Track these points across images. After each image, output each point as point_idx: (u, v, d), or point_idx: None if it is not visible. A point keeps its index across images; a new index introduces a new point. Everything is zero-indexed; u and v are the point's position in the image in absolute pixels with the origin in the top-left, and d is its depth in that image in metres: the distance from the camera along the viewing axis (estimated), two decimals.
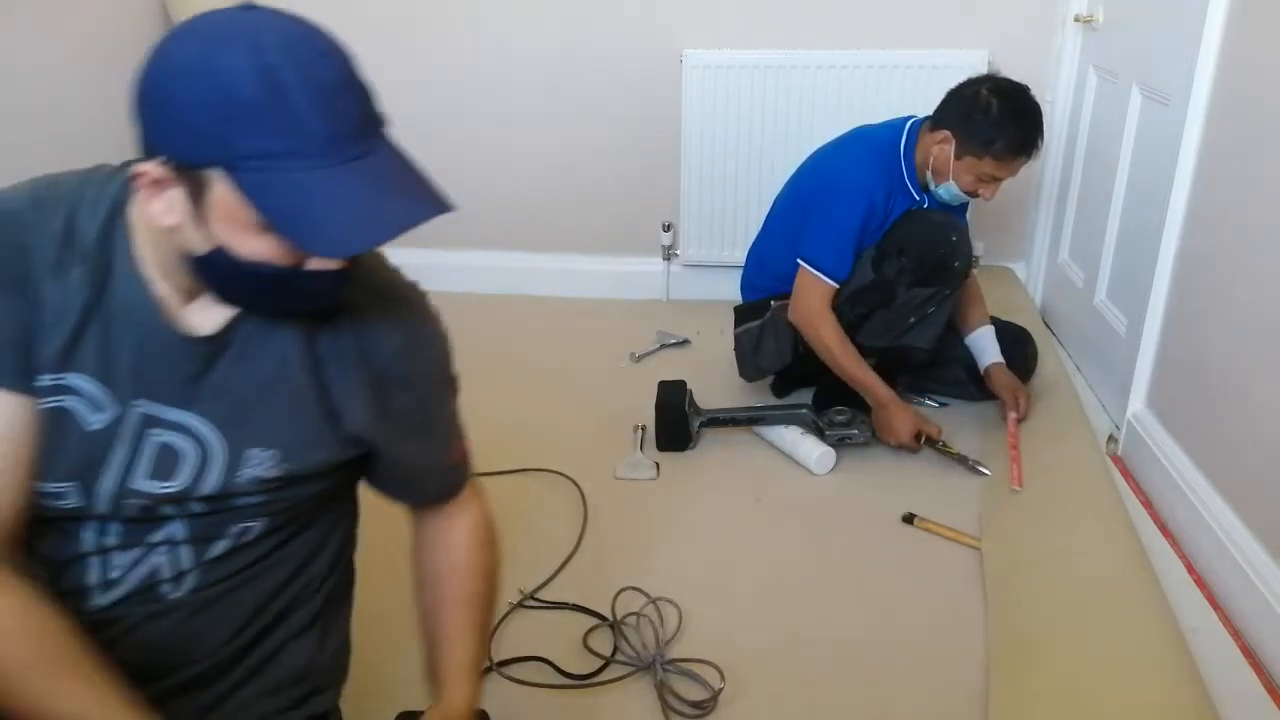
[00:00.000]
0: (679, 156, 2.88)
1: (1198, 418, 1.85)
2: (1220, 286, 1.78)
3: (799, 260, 2.14)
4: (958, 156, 2.05)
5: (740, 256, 2.50)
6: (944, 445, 2.13)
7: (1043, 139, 2.05)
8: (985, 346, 2.24)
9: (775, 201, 2.36)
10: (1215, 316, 1.80)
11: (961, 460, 2.10)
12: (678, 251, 3.02)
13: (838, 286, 2.13)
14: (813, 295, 2.13)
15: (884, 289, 2.13)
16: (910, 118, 2.18)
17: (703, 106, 2.80)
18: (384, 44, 2.90)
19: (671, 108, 2.85)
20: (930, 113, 2.13)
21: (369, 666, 1.28)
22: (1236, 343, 1.72)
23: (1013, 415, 2.16)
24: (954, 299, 2.17)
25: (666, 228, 2.99)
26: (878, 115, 2.28)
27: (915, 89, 2.65)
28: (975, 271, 2.29)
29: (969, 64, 2.56)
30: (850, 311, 2.15)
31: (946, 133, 2.05)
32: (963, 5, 2.72)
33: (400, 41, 2.90)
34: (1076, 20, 2.62)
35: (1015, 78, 2.10)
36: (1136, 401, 2.10)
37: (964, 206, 2.26)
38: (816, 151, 2.28)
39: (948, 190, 2.10)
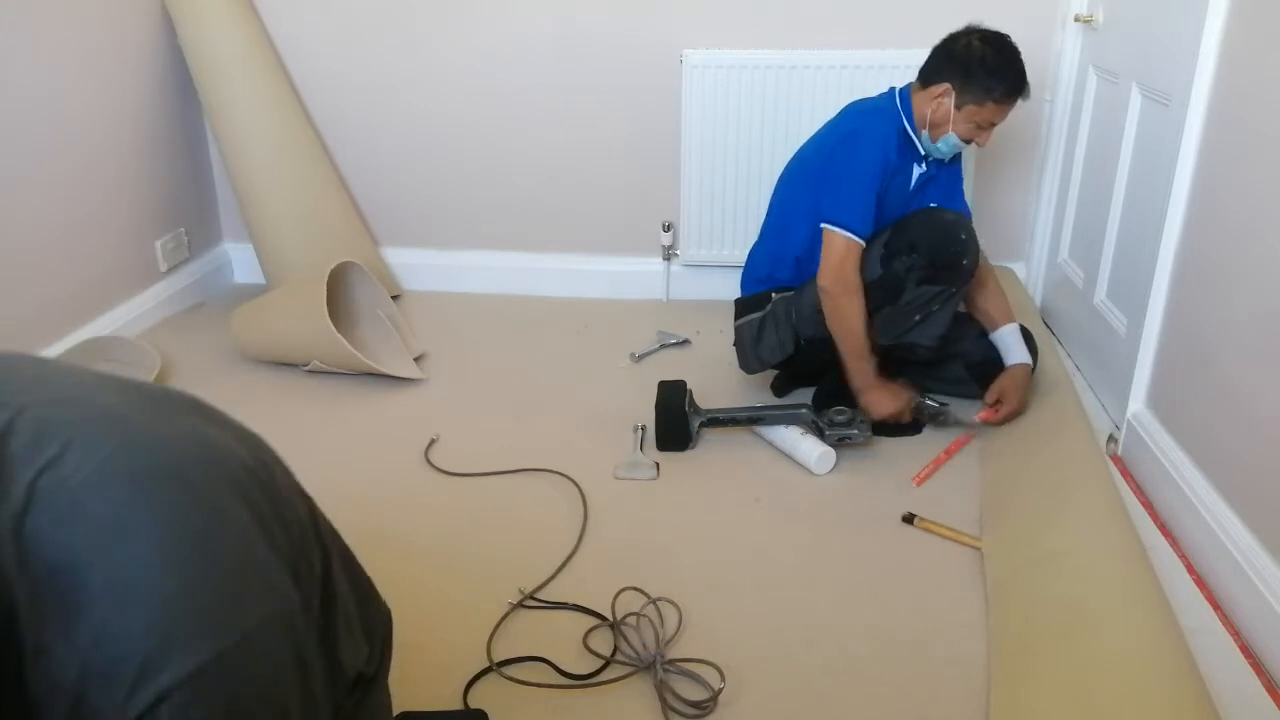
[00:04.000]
0: (679, 156, 2.88)
1: (1198, 418, 1.85)
2: (1220, 286, 1.78)
3: (822, 225, 2.15)
4: (958, 107, 2.12)
5: (740, 256, 2.49)
6: (932, 408, 2.23)
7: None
8: (1010, 346, 2.25)
9: (775, 194, 2.37)
10: (1215, 316, 1.80)
11: (957, 424, 2.22)
12: (678, 251, 3.02)
13: (864, 244, 2.14)
14: (844, 256, 2.13)
15: (892, 285, 2.15)
16: (893, 88, 2.24)
17: (703, 106, 2.80)
18: (383, 44, 2.91)
19: (671, 108, 2.85)
20: (911, 80, 2.21)
21: None
22: (1236, 343, 1.72)
23: (985, 412, 2.18)
24: (959, 298, 2.19)
25: (666, 228, 2.99)
26: None
27: None
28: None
29: None
30: None
31: (945, 85, 2.12)
32: (962, 5, 2.72)
33: (399, 41, 2.90)
34: (1076, 20, 2.62)
35: None
36: (1136, 401, 2.10)
37: (960, 187, 2.31)
38: (813, 135, 2.31)
39: (947, 142, 2.16)
